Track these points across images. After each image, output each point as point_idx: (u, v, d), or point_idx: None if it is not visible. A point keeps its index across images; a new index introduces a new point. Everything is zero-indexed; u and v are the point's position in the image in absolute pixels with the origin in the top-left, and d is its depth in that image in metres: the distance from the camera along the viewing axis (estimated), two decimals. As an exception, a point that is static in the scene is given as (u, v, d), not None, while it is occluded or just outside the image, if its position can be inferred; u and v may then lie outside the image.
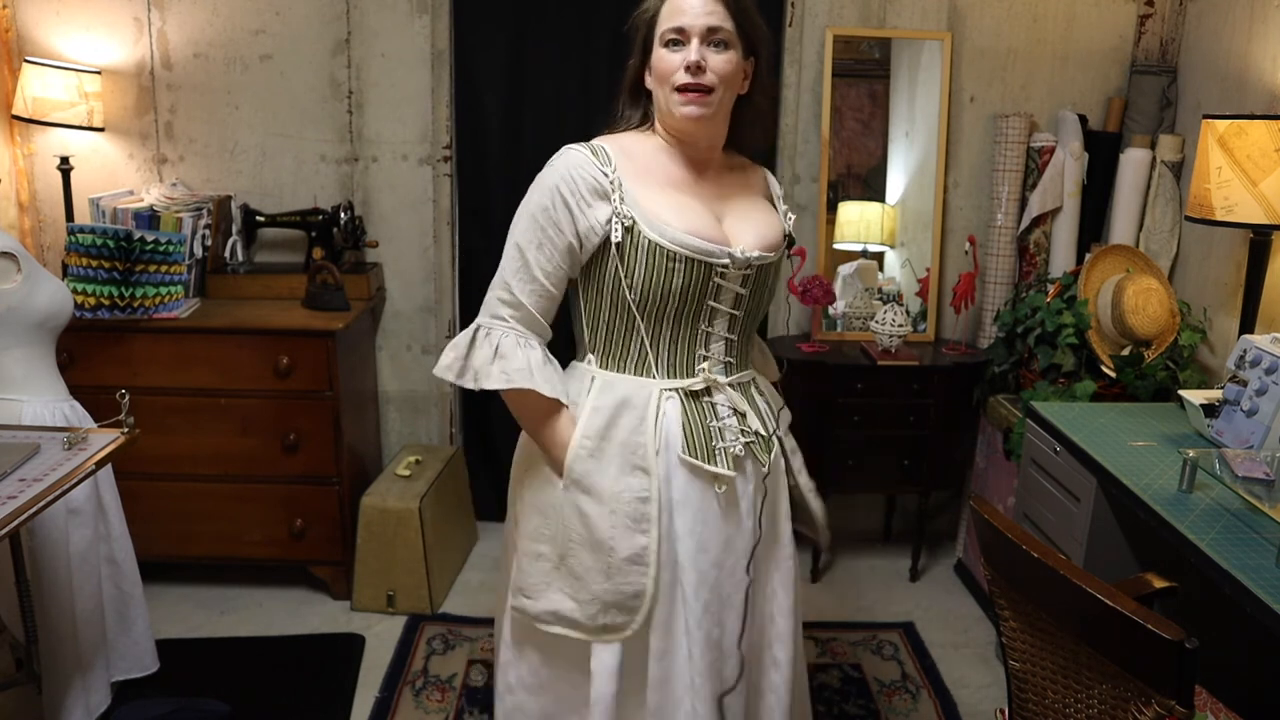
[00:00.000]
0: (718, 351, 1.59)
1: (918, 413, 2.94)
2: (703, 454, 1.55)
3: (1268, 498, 1.75)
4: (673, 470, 1.55)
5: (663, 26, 1.51)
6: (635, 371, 1.57)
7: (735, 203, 1.61)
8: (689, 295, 1.52)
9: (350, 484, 2.86)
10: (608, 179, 1.50)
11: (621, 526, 1.53)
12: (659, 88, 1.54)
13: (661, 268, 1.49)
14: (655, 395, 1.55)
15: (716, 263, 1.51)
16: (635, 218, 1.49)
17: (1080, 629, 1.36)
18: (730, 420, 1.59)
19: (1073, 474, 2.18)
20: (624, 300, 1.52)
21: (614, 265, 1.51)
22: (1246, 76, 2.61)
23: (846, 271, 3.19)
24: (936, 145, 3.09)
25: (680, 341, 1.56)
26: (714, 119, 1.54)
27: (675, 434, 1.54)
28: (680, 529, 1.55)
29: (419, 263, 3.15)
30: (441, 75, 3.05)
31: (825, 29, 3.03)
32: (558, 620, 1.58)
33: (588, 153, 1.52)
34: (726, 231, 1.55)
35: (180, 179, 3.09)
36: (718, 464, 1.55)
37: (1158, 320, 2.58)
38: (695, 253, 1.49)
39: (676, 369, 1.57)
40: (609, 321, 1.57)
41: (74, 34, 2.98)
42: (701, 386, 1.57)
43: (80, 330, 2.59)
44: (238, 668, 2.58)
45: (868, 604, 2.98)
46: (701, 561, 1.55)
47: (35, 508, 1.55)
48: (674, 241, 1.48)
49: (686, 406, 1.56)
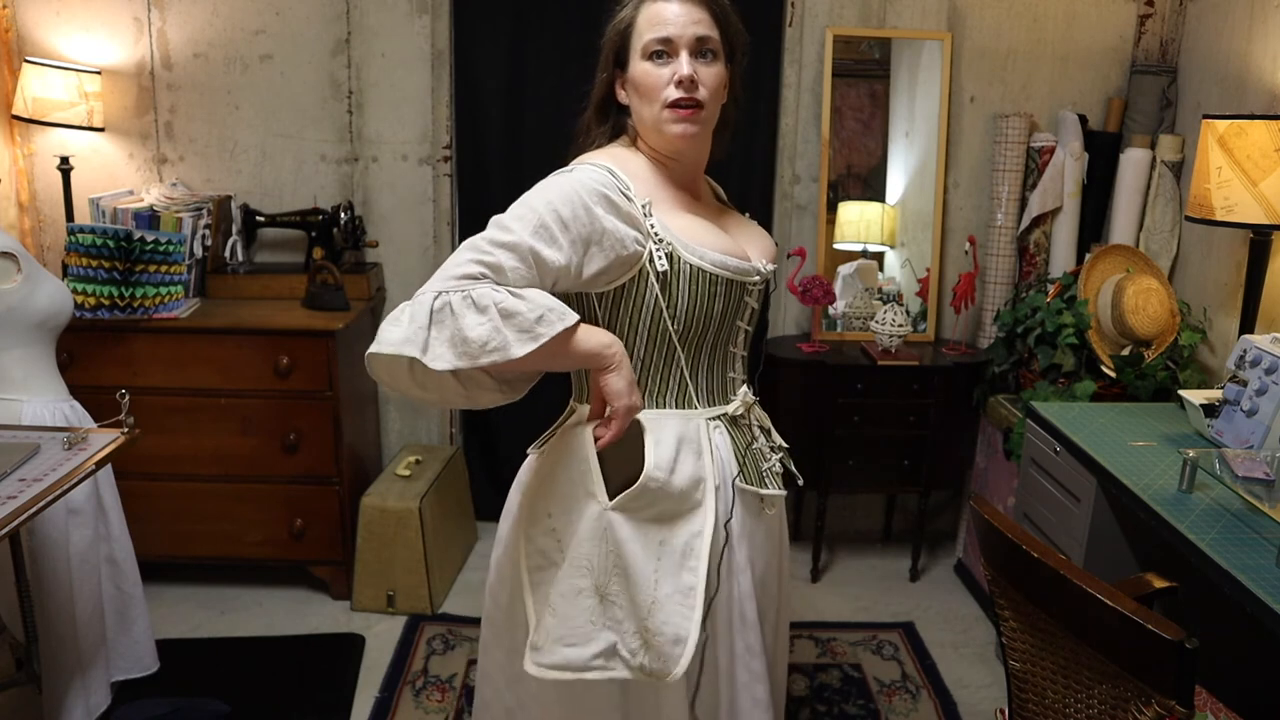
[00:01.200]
0: (740, 371, 1.55)
1: (918, 413, 2.94)
2: (755, 479, 1.51)
3: (1268, 498, 1.75)
4: (733, 504, 1.48)
5: (645, 37, 1.40)
6: (677, 405, 1.46)
7: (724, 216, 1.57)
8: (725, 318, 1.46)
9: (350, 484, 2.86)
10: (634, 204, 1.37)
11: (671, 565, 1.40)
12: (643, 105, 1.42)
13: (705, 293, 1.41)
14: (704, 427, 1.47)
15: (749, 281, 1.46)
16: (674, 244, 1.38)
17: (1080, 629, 1.36)
18: (762, 439, 1.56)
19: (1073, 474, 2.18)
20: (664, 332, 1.41)
21: (653, 296, 1.38)
22: (1246, 76, 2.61)
23: (846, 271, 3.19)
24: (936, 145, 3.09)
25: (714, 367, 1.50)
26: (705, 134, 1.46)
27: (731, 463, 1.48)
28: (739, 563, 1.48)
29: (419, 263, 3.15)
30: (441, 75, 3.05)
31: (825, 29, 3.03)
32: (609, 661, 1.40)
33: (604, 172, 1.37)
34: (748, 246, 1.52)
35: (180, 179, 3.09)
36: (769, 485, 1.52)
37: (1158, 320, 2.58)
38: (734, 274, 1.43)
39: (714, 396, 1.51)
40: (644, 357, 1.44)
41: (74, 34, 2.98)
42: (741, 410, 1.52)
43: (80, 330, 2.59)
44: (238, 668, 2.58)
45: (868, 604, 2.98)
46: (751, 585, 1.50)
47: (35, 508, 1.55)
48: (715, 264, 1.41)
49: (732, 433, 1.51)
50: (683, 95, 1.38)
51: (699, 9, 1.40)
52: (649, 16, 1.40)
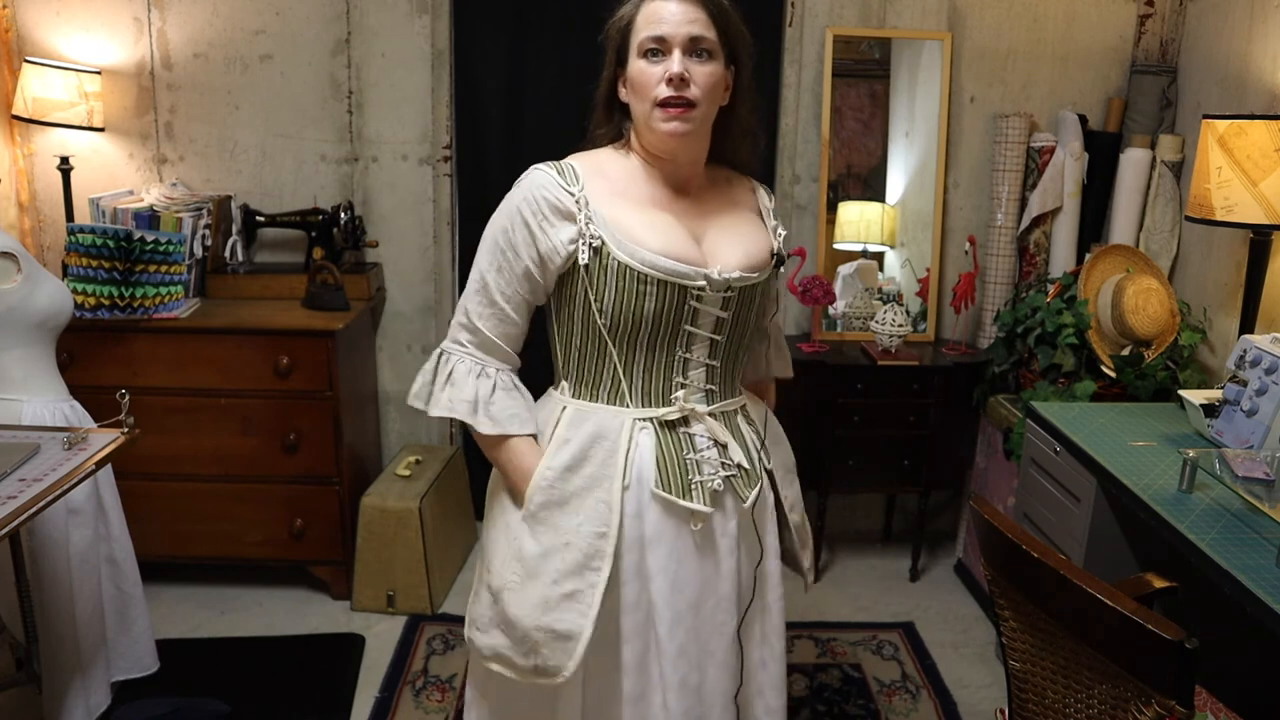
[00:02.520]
0: (697, 379, 1.50)
1: (918, 413, 2.94)
2: (678, 489, 1.45)
3: (1268, 498, 1.75)
4: (645, 506, 1.45)
5: (640, 35, 1.40)
6: (609, 400, 1.48)
7: (717, 220, 1.51)
8: (664, 320, 1.43)
9: (350, 484, 2.85)
10: (573, 198, 1.42)
11: (571, 563, 1.44)
12: (637, 102, 1.43)
13: (633, 291, 1.41)
14: (628, 426, 1.47)
15: (692, 285, 1.42)
16: (604, 237, 1.40)
17: (1080, 629, 1.36)
18: (710, 452, 1.49)
19: (1073, 474, 2.18)
20: (595, 325, 1.45)
21: (583, 288, 1.43)
22: (1246, 76, 2.61)
23: (846, 271, 3.19)
24: (936, 145, 3.09)
25: (656, 369, 1.47)
26: (696, 135, 1.44)
27: (648, 467, 1.45)
28: (653, 567, 1.45)
29: (419, 263, 3.15)
30: (441, 75, 3.05)
31: (825, 29, 3.03)
32: (497, 658, 1.50)
33: (553, 172, 1.44)
34: (705, 251, 1.46)
35: (180, 179, 3.09)
36: (694, 499, 1.45)
37: (1158, 320, 2.58)
38: (668, 275, 1.40)
39: (652, 398, 1.48)
40: (580, 348, 1.49)
41: (74, 34, 2.98)
42: (678, 416, 1.48)
43: (80, 330, 2.58)
44: (238, 668, 2.58)
45: (868, 604, 2.98)
46: (677, 602, 1.46)
47: (35, 508, 1.55)
48: (644, 263, 1.40)
49: (661, 438, 1.47)
50: (673, 94, 1.38)
51: (696, 8, 1.40)
52: (647, 15, 1.41)
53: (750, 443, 1.56)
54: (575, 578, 1.44)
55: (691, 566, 1.48)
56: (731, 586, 1.51)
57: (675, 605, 1.46)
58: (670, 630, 1.46)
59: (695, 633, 1.48)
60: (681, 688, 1.46)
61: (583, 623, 1.43)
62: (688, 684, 1.47)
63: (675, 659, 1.46)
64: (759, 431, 1.60)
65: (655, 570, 1.46)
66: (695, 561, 1.48)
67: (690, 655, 1.48)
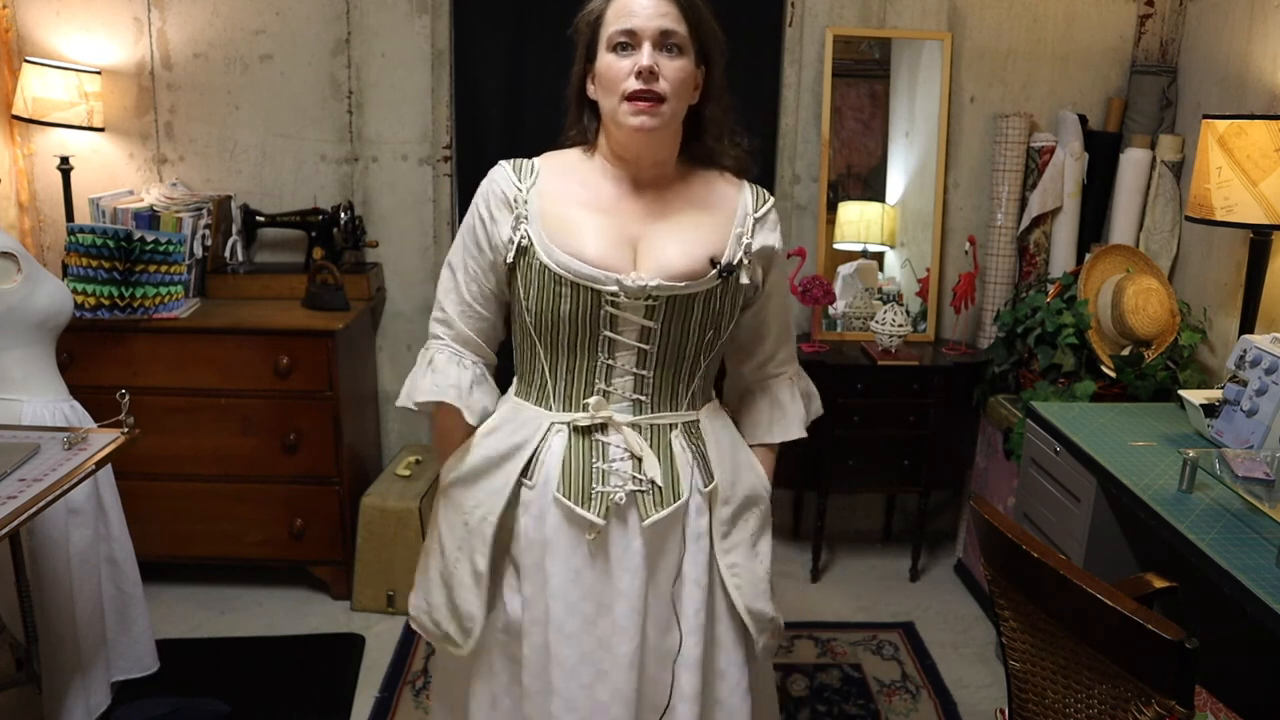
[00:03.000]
0: (623, 387, 1.45)
1: (918, 413, 2.94)
2: (578, 495, 1.41)
3: (1268, 498, 1.75)
4: (546, 508, 1.44)
5: (610, 29, 1.38)
6: (537, 400, 1.48)
7: (668, 224, 1.44)
8: (580, 324, 1.41)
9: (350, 484, 2.85)
10: (520, 193, 1.43)
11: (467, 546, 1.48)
12: (605, 97, 1.40)
13: (551, 291, 1.40)
14: (544, 426, 1.46)
15: (604, 290, 1.38)
16: (532, 237, 1.41)
17: (1080, 629, 1.36)
18: (622, 464, 1.43)
19: (1073, 474, 2.18)
20: (525, 324, 1.45)
21: (516, 286, 1.44)
22: (1246, 76, 2.61)
23: (846, 271, 3.19)
24: (936, 145, 3.09)
25: (578, 372, 1.45)
26: (663, 132, 1.40)
27: (554, 469, 1.44)
28: (549, 570, 1.44)
29: (419, 263, 3.15)
30: (441, 75, 3.04)
31: (825, 29, 3.03)
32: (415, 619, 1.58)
33: (509, 168, 1.47)
34: (640, 256, 1.41)
35: (180, 179, 3.09)
36: (590, 509, 1.41)
37: (1158, 320, 2.58)
38: (579, 278, 1.38)
39: (573, 401, 1.46)
40: (519, 345, 1.51)
41: (74, 34, 2.98)
42: (589, 422, 1.44)
43: (80, 330, 2.58)
44: (238, 668, 2.58)
45: (868, 604, 2.98)
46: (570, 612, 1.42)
47: (35, 508, 1.55)
48: (559, 264, 1.38)
49: (573, 442, 1.44)
50: (641, 86, 1.35)
51: (667, 3, 1.37)
52: (617, 9, 1.39)
53: (685, 462, 1.47)
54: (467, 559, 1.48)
55: (587, 579, 1.43)
56: (631, 609, 1.42)
57: (568, 615, 1.43)
58: (564, 639, 1.42)
59: (591, 651, 1.43)
60: (570, 703, 1.42)
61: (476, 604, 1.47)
62: (576, 702, 1.42)
63: (571, 668, 1.42)
64: (702, 454, 1.50)
65: (551, 573, 1.44)
66: (590, 574, 1.43)
67: (581, 674, 1.43)
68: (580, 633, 1.42)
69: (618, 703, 1.42)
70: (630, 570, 1.43)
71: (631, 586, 1.43)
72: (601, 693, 1.43)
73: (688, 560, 1.47)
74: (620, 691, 1.42)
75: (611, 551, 1.43)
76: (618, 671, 1.42)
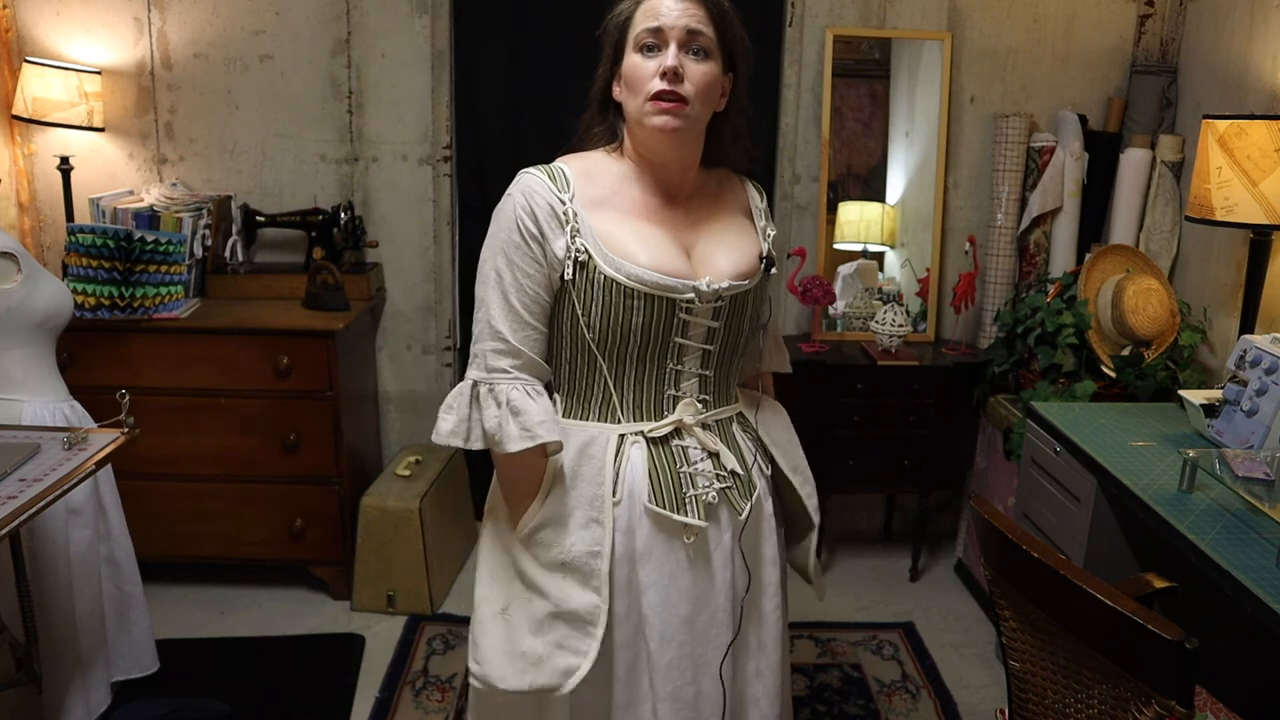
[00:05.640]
0: (690, 390, 1.47)
1: (918, 413, 2.94)
2: (672, 503, 1.43)
3: (1268, 498, 1.75)
4: (636, 521, 1.43)
5: (637, 29, 1.39)
6: (599, 416, 1.46)
7: (708, 228, 1.48)
8: (653, 333, 1.41)
9: (350, 484, 2.85)
10: (564, 206, 1.39)
11: (571, 582, 1.42)
12: (630, 98, 1.40)
13: (620, 305, 1.38)
14: (615, 441, 1.44)
15: (681, 299, 1.39)
16: (590, 251, 1.38)
17: (1080, 629, 1.36)
18: (703, 464, 1.46)
19: (1073, 474, 2.18)
20: (583, 339, 1.42)
21: (570, 301, 1.40)
22: (1246, 76, 2.61)
23: (846, 271, 3.19)
24: (936, 145, 3.09)
25: (647, 382, 1.45)
26: (688, 135, 1.40)
27: (640, 482, 1.43)
28: (644, 581, 1.43)
29: (419, 263, 3.15)
30: (441, 75, 3.05)
31: (825, 29, 3.03)
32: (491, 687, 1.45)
33: (544, 177, 1.41)
34: (695, 261, 1.44)
35: (180, 179, 3.09)
36: (688, 513, 1.43)
37: (1158, 320, 2.58)
38: (656, 289, 1.38)
39: (644, 411, 1.46)
40: (570, 361, 1.46)
41: (74, 34, 2.98)
42: (669, 430, 1.46)
43: (80, 330, 2.58)
44: (238, 668, 2.58)
45: (868, 604, 2.98)
46: (669, 617, 1.44)
47: (35, 508, 1.55)
48: (631, 277, 1.37)
49: (653, 452, 1.45)
50: (666, 87, 1.35)
51: (695, 5, 1.38)
52: (645, 10, 1.40)
53: (746, 449, 1.54)
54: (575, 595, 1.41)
55: (685, 581, 1.45)
56: (727, 599, 1.48)
57: (667, 619, 1.44)
58: (661, 644, 1.44)
59: (689, 646, 1.46)
60: (674, 699, 1.44)
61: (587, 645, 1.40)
62: (680, 696, 1.45)
63: (666, 671, 1.44)
64: (756, 437, 1.58)
65: (647, 584, 1.44)
66: (689, 576, 1.45)
67: (683, 669, 1.45)
68: (680, 633, 1.46)
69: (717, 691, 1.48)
70: (724, 564, 1.48)
71: (726, 580, 1.48)
72: (706, 685, 1.48)
73: (766, 543, 1.56)
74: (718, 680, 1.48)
75: (709, 550, 1.47)
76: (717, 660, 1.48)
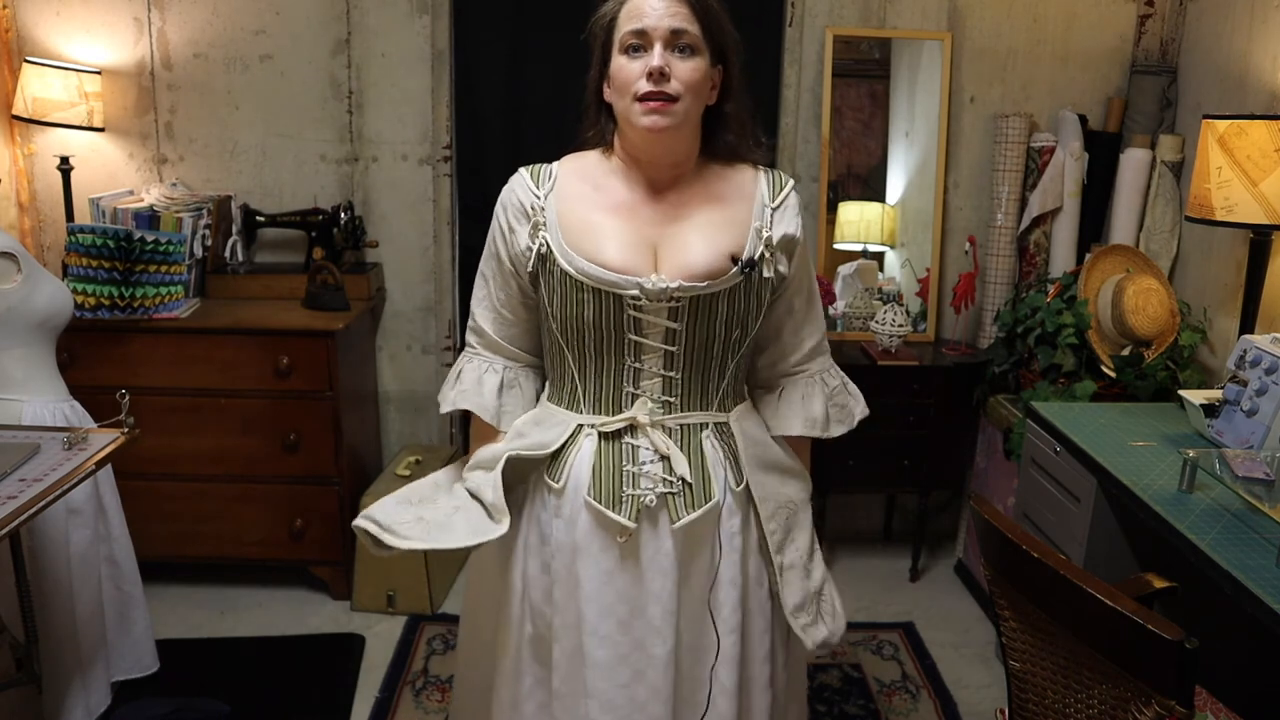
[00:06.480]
0: (652, 389, 1.45)
1: (918, 413, 2.94)
2: (608, 499, 1.41)
3: (1268, 498, 1.75)
4: (577, 512, 1.43)
5: (622, 30, 1.39)
6: (568, 404, 1.48)
7: (686, 225, 1.44)
8: (606, 329, 1.41)
9: (350, 484, 2.85)
10: (537, 200, 1.44)
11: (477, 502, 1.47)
12: (618, 99, 1.40)
13: (574, 299, 1.40)
14: (572, 430, 1.46)
15: (626, 295, 1.38)
16: (551, 244, 1.41)
17: (1080, 629, 1.36)
18: (652, 466, 1.43)
19: (1073, 474, 2.18)
20: (552, 330, 1.46)
21: (541, 294, 1.45)
22: (1246, 76, 2.61)
23: (846, 271, 3.19)
24: (936, 145, 3.09)
25: (607, 376, 1.45)
26: (678, 132, 1.39)
27: (584, 474, 1.43)
28: (581, 575, 1.43)
29: (419, 263, 3.15)
30: (441, 75, 3.04)
31: (825, 29, 3.03)
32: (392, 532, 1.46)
33: (527, 174, 1.47)
34: (661, 258, 1.41)
35: (180, 179, 3.09)
36: (620, 512, 1.41)
37: (1158, 320, 2.58)
38: (599, 283, 1.38)
39: (603, 405, 1.46)
40: (549, 350, 1.51)
41: (74, 34, 2.98)
42: (620, 426, 1.44)
43: (80, 330, 2.58)
44: (238, 668, 2.58)
45: (868, 604, 2.98)
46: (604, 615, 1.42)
47: (35, 508, 1.55)
48: (579, 270, 1.39)
49: (603, 446, 1.44)
50: (652, 88, 1.35)
51: (678, 3, 1.37)
52: (629, 11, 1.39)
53: (716, 462, 1.47)
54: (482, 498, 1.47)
55: (620, 583, 1.43)
56: (665, 611, 1.43)
57: (601, 617, 1.42)
58: (596, 641, 1.42)
59: (625, 649, 1.43)
60: (606, 701, 1.42)
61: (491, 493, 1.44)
62: (614, 701, 1.42)
63: (600, 670, 1.42)
64: (734, 454, 1.49)
65: (583, 578, 1.43)
66: (622, 578, 1.43)
67: (618, 672, 1.43)
68: (615, 634, 1.43)
69: (656, 701, 1.43)
70: (662, 572, 1.43)
71: (664, 588, 1.43)
72: (640, 692, 1.43)
73: (724, 562, 1.47)
74: (659, 690, 1.43)
75: (643, 554, 1.43)
76: (654, 671, 1.43)
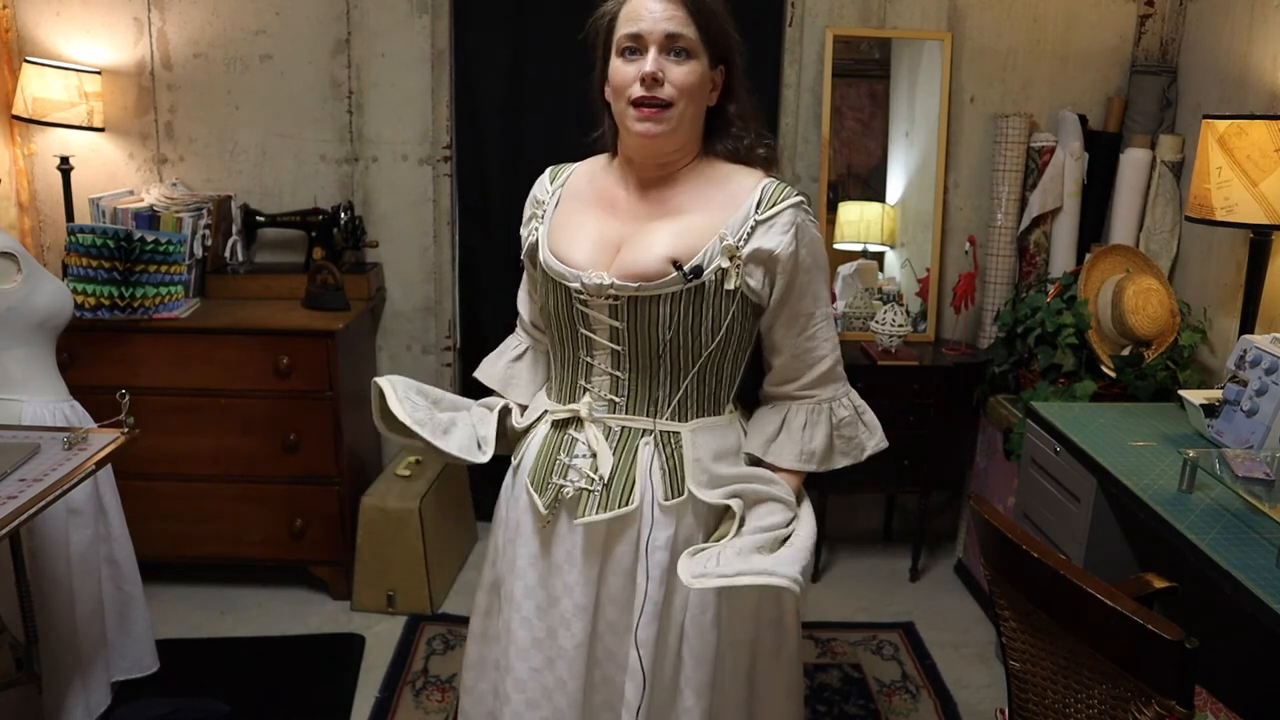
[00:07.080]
0: (601, 386, 1.46)
1: (918, 413, 2.94)
2: (539, 485, 1.48)
3: (1268, 498, 1.75)
4: (521, 491, 1.53)
5: (619, 33, 1.39)
6: (546, 391, 1.59)
7: (658, 224, 1.41)
8: (563, 319, 1.47)
9: (350, 484, 2.85)
10: (547, 195, 1.53)
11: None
12: (615, 101, 1.41)
13: (543, 288, 1.50)
14: (540, 414, 1.55)
15: (572, 288, 1.42)
16: (539, 236, 1.50)
17: (1080, 629, 1.36)
18: (582, 461, 1.45)
19: (1073, 474, 2.18)
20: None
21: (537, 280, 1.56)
22: (1246, 76, 2.61)
23: (846, 271, 3.19)
24: (936, 145, 3.09)
25: (566, 368, 1.51)
26: (672, 135, 1.38)
27: (530, 456, 1.52)
28: (513, 554, 1.52)
29: (419, 263, 3.15)
30: (441, 75, 3.04)
31: (825, 29, 3.03)
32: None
33: (550, 171, 1.57)
34: (618, 255, 1.40)
35: (180, 179, 3.09)
36: (542, 497, 1.46)
37: (1158, 320, 2.58)
38: (553, 274, 1.45)
39: (561, 394, 1.52)
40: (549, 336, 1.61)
41: (74, 34, 2.98)
42: (567, 416, 1.49)
43: (80, 330, 2.58)
44: (238, 668, 2.58)
45: (868, 604, 2.98)
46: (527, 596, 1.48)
47: (35, 508, 1.55)
48: (544, 261, 1.47)
49: (550, 434, 1.50)
50: (645, 93, 1.35)
51: (674, 6, 1.36)
52: (626, 13, 1.39)
53: (644, 470, 1.42)
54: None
55: (541, 567, 1.49)
56: (575, 605, 1.44)
57: (525, 598, 1.49)
58: (520, 620, 1.49)
59: (542, 633, 1.48)
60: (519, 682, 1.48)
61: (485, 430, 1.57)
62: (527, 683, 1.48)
63: (521, 650, 1.48)
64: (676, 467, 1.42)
65: (516, 556, 1.52)
66: (543, 563, 1.49)
67: (533, 657, 1.48)
68: (533, 617, 1.49)
69: (560, 693, 1.47)
70: (574, 566, 1.46)
71: (576, 583, 1.46)
72: (548, 679, 1.48)
73: (640, 572, 1.41)
74: (564, 684, 1.47)
75: (556, 545, 1.48)
76: (562, 663, 1.47)
